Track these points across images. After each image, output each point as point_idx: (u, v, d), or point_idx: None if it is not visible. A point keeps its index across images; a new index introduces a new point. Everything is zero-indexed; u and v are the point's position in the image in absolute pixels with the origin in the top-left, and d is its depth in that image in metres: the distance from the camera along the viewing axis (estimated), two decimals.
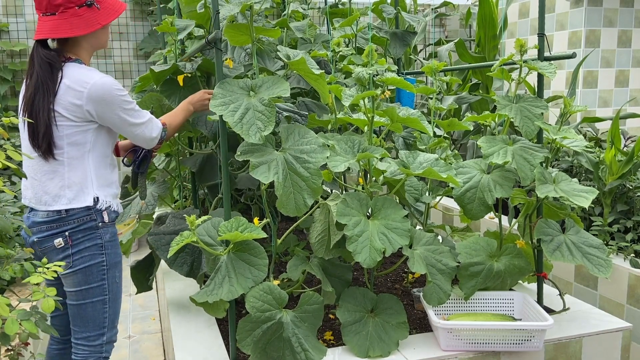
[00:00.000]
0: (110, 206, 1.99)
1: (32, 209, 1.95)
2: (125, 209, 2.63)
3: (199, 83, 2.53)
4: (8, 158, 1.57)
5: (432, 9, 6.58)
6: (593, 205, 3.24)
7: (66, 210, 1.89)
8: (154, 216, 2.82)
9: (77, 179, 1.91)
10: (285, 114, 2.30)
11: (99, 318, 1.99)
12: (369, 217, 2.03)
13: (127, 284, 4.33)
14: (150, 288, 2.74)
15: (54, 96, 1.86)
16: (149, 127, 2.03)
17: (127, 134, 2.02)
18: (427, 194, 2.61)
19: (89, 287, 1.95)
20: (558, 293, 2.44)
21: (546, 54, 2.24)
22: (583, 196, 2.07)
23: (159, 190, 2.65)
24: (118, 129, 1.98)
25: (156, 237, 2.41)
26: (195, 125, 2.51)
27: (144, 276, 2.73)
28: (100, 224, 1.95)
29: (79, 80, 1.88)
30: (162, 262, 2.63)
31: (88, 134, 1.92)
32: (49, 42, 1.95)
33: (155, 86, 2.64)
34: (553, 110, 4.72)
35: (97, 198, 1.94)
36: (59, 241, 1.89)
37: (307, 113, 2.41)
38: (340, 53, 2.66)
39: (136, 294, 2.75)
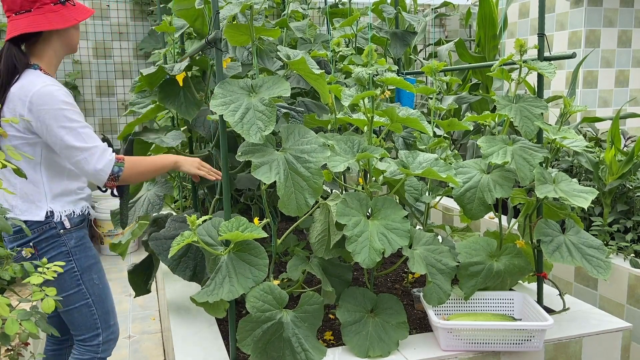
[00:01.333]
0: (70, 214, 1.90)
1: None
2: (129, 212, 2.62)
3: (191, 84, 2.52)
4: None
5: (432, 9, 6.58)
6: (593, 205, 3.24)
7: (24, 221, 1.80)
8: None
9: (28, 191, 1.84)
10: (284, 110, 2.29)
11: (89, 321, 1.97)
12: (368, 217, 2.03)
13: (128, 285, 4.33)
14: (148, 291, 2.72)
15: (2, 103, 1.79)
16: (95, 155, 1.79)
17: (68, 160, 1.82)
18: (427, 194, 2.61)
19: (67, 294, 1.91)
20: (558, 293, 2.44)
21: (546, 54, 2.24)
22: (583, 196, 2.07)
23: (163, 190, 2.64)
24: (58, 150, 1.80)
25: (157, 242, 2.37)
26: (194, 126, 2.50)
27: (141, 279, 2.71)
28: (61, 231, 1.88)
29: (24, 88, 1.78)
30: (161, 263, 2.62)
31: (37, 148, 1.83)
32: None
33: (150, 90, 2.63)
34: (553, 110, 4.72)
35: (51, 212, 1.86)
36: (26, 252, 1.81)
37: (302, 110, 2.40)
38: (340, 53, 2.66)
39: (134, 297, 2.75)
